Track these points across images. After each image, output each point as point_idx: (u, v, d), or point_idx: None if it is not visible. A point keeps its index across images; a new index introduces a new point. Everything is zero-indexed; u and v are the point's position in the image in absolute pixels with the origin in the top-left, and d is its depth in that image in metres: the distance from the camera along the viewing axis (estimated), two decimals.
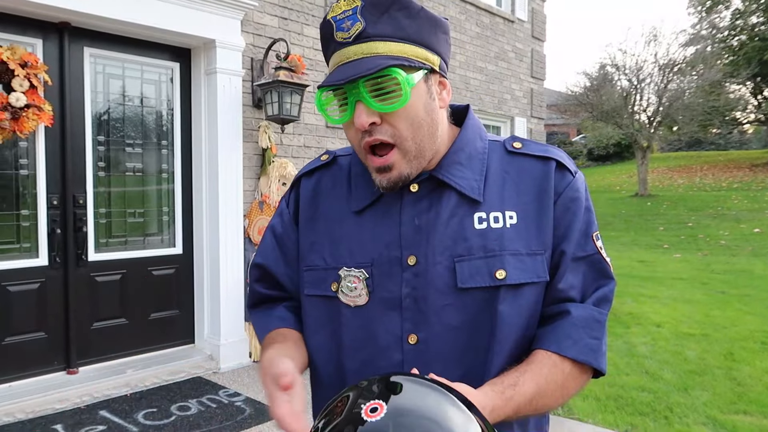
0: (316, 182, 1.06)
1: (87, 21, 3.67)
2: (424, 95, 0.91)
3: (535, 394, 0.87)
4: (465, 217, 0.94)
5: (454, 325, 0.91)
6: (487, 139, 1.01)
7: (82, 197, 3.77)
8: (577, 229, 0.94)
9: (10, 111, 3.35)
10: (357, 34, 0.87)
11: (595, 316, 0.93)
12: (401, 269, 0.93)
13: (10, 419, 3.19)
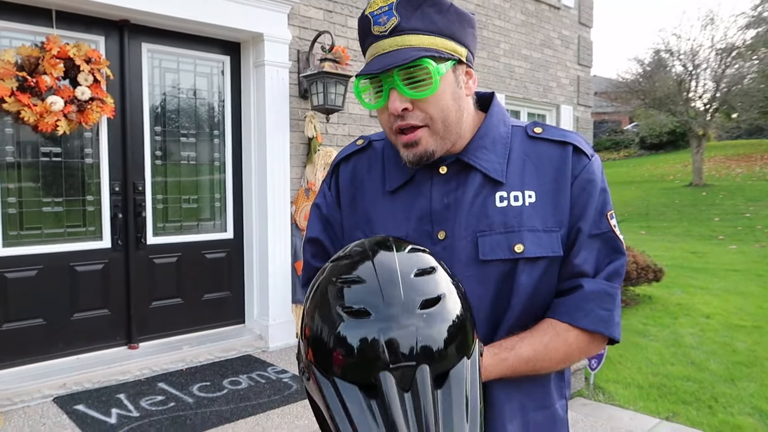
0: (353, 166, 1.17)
1: (145, 18, 3.89)
2: (452, 84, 1.00)
3: (532, 358, 0.98)
4: (488, 197, 1.03)
5: (476, 294, 1.00)
6: (510, 124, 1.10)
7: (141, 184, 4.02)
8: (592, 209, 1.03)
9: (76, 104, 3.61)
10: (392, 28, 0.97)
11: (606, 289, 1.02)
12: (432, 243, 1.03)
13: (79, 388, 3.46)
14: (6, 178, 3.53)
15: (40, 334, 3.62)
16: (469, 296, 1.00)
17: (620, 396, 4.22)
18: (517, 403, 1.04)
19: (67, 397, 3.37)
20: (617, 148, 28.23)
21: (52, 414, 3.17)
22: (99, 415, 3.15)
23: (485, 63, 6.66)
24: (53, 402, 3.31)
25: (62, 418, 3.12)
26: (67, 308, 3.74)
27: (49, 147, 3.69)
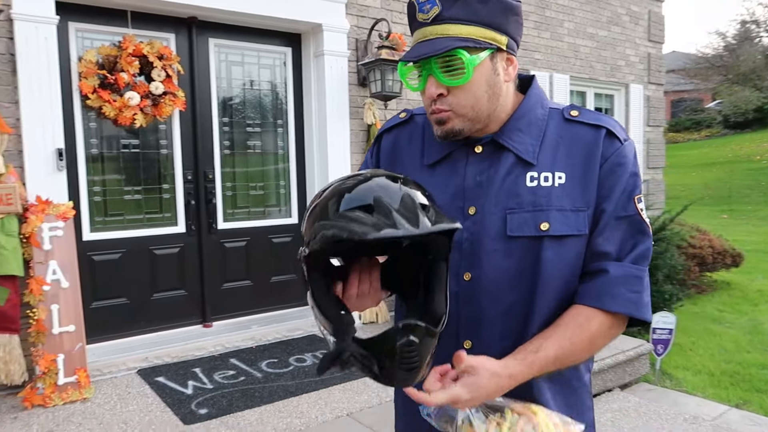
0: (394, 137, 1.24)
1: (212, 15, 4.10)
2: (489, 71, 1.05)
3: (559, 357, 1.02)
4: (519, 176, 1.08)
5: (502, 267, 1.07)
6: (548, 107, 1.13)
7: (211, 173, 4.27)
8: (619, 191, 1.06)
9: (151, 98, 3.87)
10: (434, 17, 1.02)
11: (633, 272, 1.05)
12: (463, 218, 1.09)
13: (159, 362, 3.75)
14: (92, 170, 3.85)
15: (125, 312, 3.94)
16: (494, 268, 1.07)
17: (689, 383, 4.09)
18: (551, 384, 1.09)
19: (149, 369, 3.66)
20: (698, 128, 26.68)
21: (136, 384, 3.46)
22: (177, 387, 3.41)
23: (548, 44, 6.52)
24: (137, 374, 3.61)
25: (145, 388, 3.39)
26: (147, 288, 4.05)
27: (128, 139, 3.98)
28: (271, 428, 2.90)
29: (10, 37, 3.30)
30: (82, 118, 3.76)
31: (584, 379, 1.15)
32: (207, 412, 3.08)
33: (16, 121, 3.33)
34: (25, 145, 3.34)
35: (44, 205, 3.34)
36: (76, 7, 3.65)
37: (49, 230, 3.32)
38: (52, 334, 3.26)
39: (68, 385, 3.24)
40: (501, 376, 0.97)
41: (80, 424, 2.95)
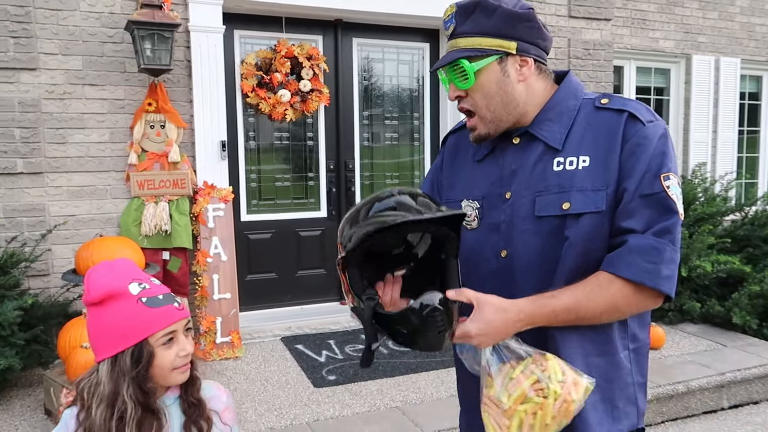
0: (457, 138, 1.42)
1: (355, 16, 4.42)
2: (497, 74, 1.19)
3: (573, 307, 1.10)
4: (547, 162, 1.19)
5: (531, 244, 1.18)
6: (582, 97, 1.23)
7: (351, 163, 4.61)
8: (641, 170, 1.11)
9: (300, 95, 4.30)
10: (452, 33, 1.22)
11: (653, 244, 1.09)
12: (502, 202, 1.23)
13: (300, 332, 4.19)
14: (249, 159, 4.38)
15: (273, 285, 4.44)
16: (526, 245, 1.19)
17: None
18: (577, 345, 1.16)
19: (290, 337, 4.11)
20: None
21: (279, 349, 3.91)
22: (312, 354, 3.79)
23: (715, 24, 5.98)
24: (280, 340, 4.07)
25: (285, 353, 3.83)
26: (293, 266, 4.52)
27: (280, 132, 4.46)
28: (389, 399, 3.13)
29: (187, 45, 3.89)
30: (242, 114, 4.29)
31: (620, 356, 1.19)
32: (335, 378, 3.40)
33: (190, 117, 3.93)
34: (196, 138, 3.93)
35: (210, 189, 3.90)
36: (240, 16, 4.17)
37: (213, 211, 3.88)
38: (212, 299, 3.81)
39: (224, 344, 3.78)
40: (508, 311, 1.09)
41: (231, 378, 3.44)
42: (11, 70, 3.51)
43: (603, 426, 1.17)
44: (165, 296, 1.23)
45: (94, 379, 1.18)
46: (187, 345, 1.23)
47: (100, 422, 1.14)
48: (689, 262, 4.23)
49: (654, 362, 3.63)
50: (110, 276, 1.20)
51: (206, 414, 1.27)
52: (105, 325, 1.18)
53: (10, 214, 3.54)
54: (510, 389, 1.07)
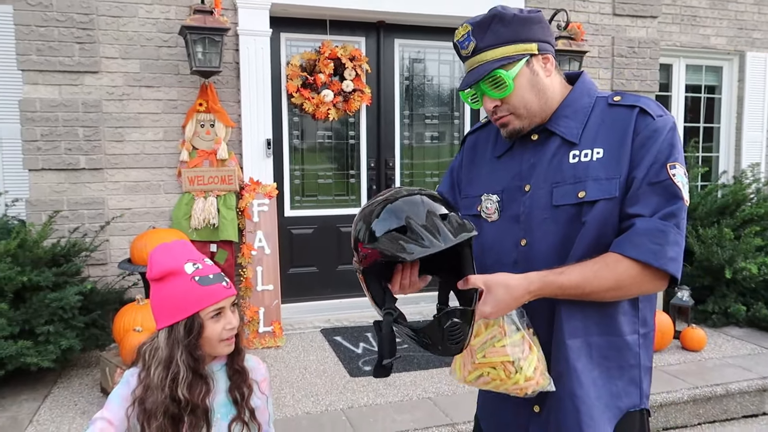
0: (476, 138, 1.51)
1: (398, 18, 4.53)
2: (528, 75, 1.27)
3: (580, 283, 1.17)
4: (563, 155, 1.28)
5: (550, 232, 1.26)
6: (595, 96, 1.31)
7: (392, 161, 4.72)
8: (650, 160, 1.19)
9: (342, 95, 4.44)
10: (473, 50, 1.28)
11: (659, 227, 1.17)
12: (521, 195, 1.31)
13: (339, 324, 4.33)
14: (293, 157, 4.55)
15: (314, 279, 4.60)
16: (544, 233, 1.27)
17: None
18: (579, 323, 1.23)
19: (329, 329, 4.26)
20: None
21: (318, 340, 4.06)
22: (350, 346, 3.92)
23: None
24: (320, 332, 4.22)
25: (324, 344, 3.97)
26: (334, 260, 4.66)
27: (323, 131, 4.61)
28: (422, 390, 3.22)
29: (236, 48, 4.09)
30: (287, 114, 4.47)
31: (627, 338, 1.26)
32: (370, 369, 3.52)
33: (238, 116, 4.12)
34: (243, 136, 4.12)
35: (255, 185, 4.09)
36: (286, 20, 4.34)
37: (258, 206, 4.06)
38: (256, 290, 4.00)
39: (266, 333, 3.95)
40: (517, 288, 1.17)
41: (271, 365, 3.61)
42: (76, 73, 3.79)
43: (601, 400, 1.24)
44: (215, 276, 1.39)
45: (155, 344, 1.36)
46: (233, 319, 1.40)
47: (157, 381, 1.31)
48: (735, 263, 4.13)
49: (693, 364, 3.58)
50: (169, 256, 1.37)
51: (248, 381, 1.44)
52: (164, 299, 1.36)
53: (73, 207, 3.82)
54: (487, 352, 1.19)
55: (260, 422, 1.46)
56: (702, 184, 5.67)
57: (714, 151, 6.07)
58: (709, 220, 4.67)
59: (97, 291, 3.59)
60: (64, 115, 3.77)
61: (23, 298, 3.18)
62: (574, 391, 1.22)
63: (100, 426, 1.32)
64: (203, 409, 1.34)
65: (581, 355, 1.23)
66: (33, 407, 3.03)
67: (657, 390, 3.19)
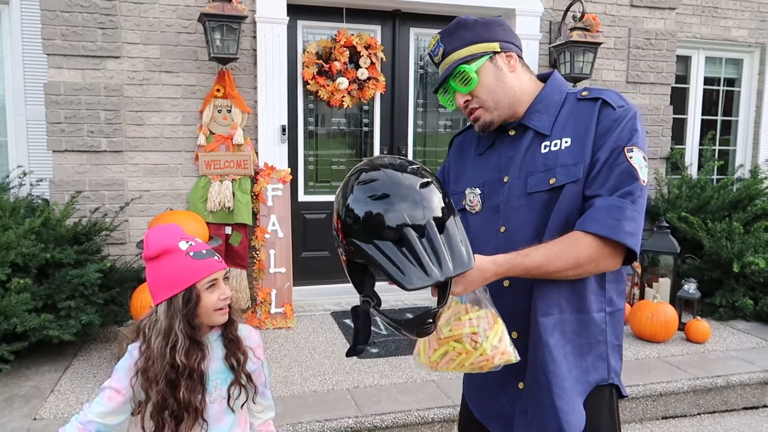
0: (462, 138, 1.64)
1: (414, 6, 4.57)
2: (492, 70, 1.40)
3: (543, 263, 1.26)
4: (536, 147, 1.39)
5: (525, 218, 1.37)
6: (566, 92, 1.43)
7: (405, 149, 4.79)
8: (611, 146, 1.30)
9: (357, 83, 4.50)
10: (442, 55, 1.43)
11: (615, 204, 1.27)
12: (500, 185, 1.42)
13: (349, 307, 4.43)
14: (308, 143, 4.64)
15: (326, 263, 4.70)
16: (521, 220, 1.36)
17: None
18: (554, 302, 1.33)
19: (339, 312, 4.36)
20: None
21: (328, 323, 4.17)
22: None
23: None
24: (330, 314, 4.33)
25: (333, 326, 4.08)
26: None
27: (337, 118, 4.69)
28: (426, 373, 3.31)
29: (253, 35, 4.17)
30: (302, 100, 4.55)
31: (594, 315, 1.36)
32: (377, 351, 3.62)
33: (254, 103, 4.21)
34: (259, 122, 4.21)
35: (270, 170, 4.19)
36: (303, 7, 4.41)
37: (272, 190, 4.16)
38: (269, 272, 4.11)
39: (277, 314, 4.07)
40: (487, 271, 1.24)
41: (282, 345, 3.73)
42: (99, 58, 3.91)
43: (572, 373, 1.35)
44: (207, 251, 1.52)
45: (153, 318, 1.48)
46: (226, 290, 1.53)
47: (157, 350, 1.44)
48: (743, 257, 4.14)
49: (696, 355, 3.62)
50: (164, 236, 1.50)
51: (242, 348, 1.57)
52: (162, 275, 1.48)
53: (94, 188, 3.96)
54: (453, 326, 1.26)
55: (257, 384, 1.59)
56: (718, 177, 5.65)
57: (731, 144, 6.02)
58: (721, 214, 4.66)
59: (116, 269, 3.73)
60: (86, 98, 3.89)
61: (46, 274, 3.33)
62: (547, 365, 1.32)
63: (108, 394, 1.47)
64: (199, 374, 1.47)
65: (554, 331, 1.33)
66: (54, 378, 3.19)
67: (658, 379, 3.25)
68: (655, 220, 4.70)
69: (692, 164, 5.69)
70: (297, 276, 4.44)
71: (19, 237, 3.17)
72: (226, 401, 1.54)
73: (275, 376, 3.24)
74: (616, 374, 1.40)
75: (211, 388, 1.51)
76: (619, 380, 1.42)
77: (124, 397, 1.49)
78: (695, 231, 4.47)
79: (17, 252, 3.13)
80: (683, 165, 5.39)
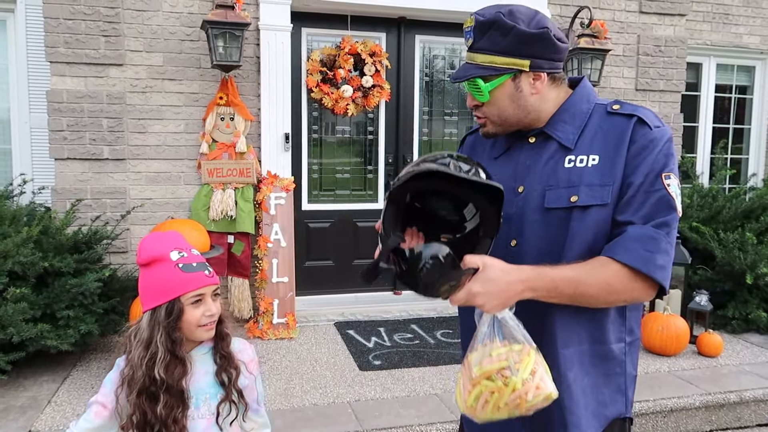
0: (475, 138, 1.51)
1: (419, 14, 4.52)
2: (510, 90, 1.27)
3: (573, 279, 1.15)
4: (559, 160, 1.27)
5: (540, 234, 1.26)
6: (594, 102, 1.31)
7: (410, 157, 4.73)
8: (646, 168, 1.19)
9: (361, 90, 4.46)
10: (470, 45, 1.28)
11: (650, 234, 1.17)
12: (515, 195, 1.30)
13: (352, 318, 4.37)
14: (312, 151, 4.60)
15: (330, 272, 4.64)
16: (535, 236, 1.27)
17: None
18: (573, 332, 1.23)
19: (343, 323, 4.30)
20: None
21: (331, 333, 4.10)
22: (362, 340, 3.96)
23: None
24: (333, 325, 4.27)
25: (337, 337, 4.02)
26: (350, 255, 4.70)
27: (342, 126, 4.64)
28: (429, 386, 3.24)
29: (257, 43, 4.14)
30: (306, 108, 4.51)
31: (613, 347, 1.26)
32: (380, 363, 3.55)
33: (258, 110, 4.18)
34: (262, 130, 4.18)
35: (273, 178, 4.14)
36: (307, 15, 4.38)
37: (275, 199, 4.12)
38: (271, 282, 4.06)
39: (280, 324, 4.02)
40: (511, 274, 1.14)
41: (284, 356, 3.66)
42: (101, 65, 3.89)
43: (588, 409, 1.25)
44: (198, 264, 1.46)
45: (138, 326, 1.44)
46: (212, 307, 1.46)
47: (137, 360, 1.39)
48: (757, 269, 4.03)
49: (708, 370, 3.52)
50: (157, 244, 1.45)
51: (235, 363, 1.51)
52: (150, 283, 1.44)
53: (96, 196, 3.93)
54: (484, 363, 1.15)
55: (248, 401, 1.53)
56: (730, 186, 5.54)
57: (744, 152, 5.92)
58: (733, 224, 4.56)
59: (117, 278, 3.69)
60: (89, 106, 3.87)
61: (45, 283, 3.29)
62: (564, 402, 1.22)
63: (95, 410, 1.42)
64: (179, 390, 1.41)
65: (574, 364, 1.24)
66: (52, 388, 3.15)
67: (669, 395, 3.15)
68: None
69: (704, 173, 5.59)
70: (300, 286, 4.38)
71: (17, 245, 3.14)
72: (215, 418, 1.48)
73: (275, 388, 3.18)
74: (631, 405, 1.31)
75: (200, 403, 1.46)
76: (632, 410, 1.33)
77: (110, 411, 1.44)
78: (707, 241, 4.36)
79: (15, 260, 3.10)
80: (694, 174, 5.29)
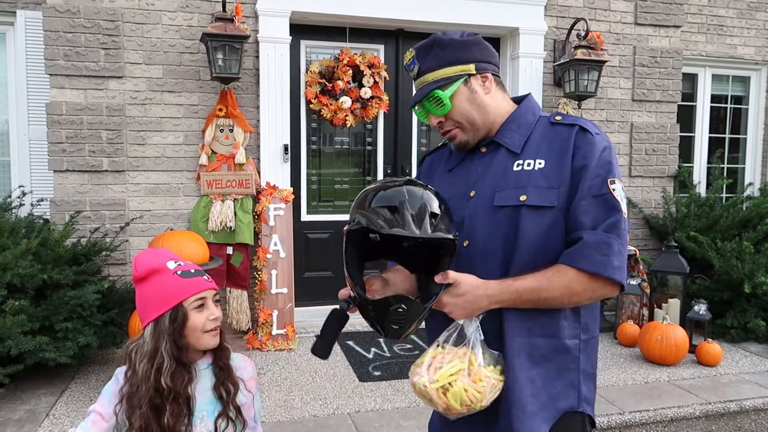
0: (432, 158, 1.62)
1: (417, 26, 4.56)
2: (466, 93, 1.39)
3: (535, 288, 1.26)
4: (508, 164, 1.38)
5: (489, 232, 1.35)
6: (538, 114, 1.44)
7: (408, 167, 4.75)
8: (591, 174, 1.30)
9: (360, 102, 4.48)
10: (417, 72, 1.41)
11: (604, 239, 1.28)
12: (467, 200, 1.40)
13: (352, 329, 4.36)
14: (311, 163, 4.61)
15: (329, 283, 4.64)
16: (484, 234, 1.36)
17: None
18: (522, 324, 1.31)
19: (342, 334, 4.26)
20: None
21: None
22: (361, 351, 3.95)
23: None
24: None
25: (336, 348, 4.00)
26: None
27: (340, 137, 4.66)
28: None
29: (256, 55, 4.17)
30: (305, 120, 4.53)
31: (567, 342, 1.34)
32: (380, 374, 3.54)
33: (257, 122, 4.20)
34: (261, 141, 4.19)
35: (272, 189, 4.15)
36: (306, 27, 4.41)
37: (274, 210, 4.12)
38: (270, 293, 4.05)
39: (279, 336, 4.01)
40: (479, 288, 1.28)
41: (283, 368, 3.65)
42: (101, 78, 3.91)
43: (537, 398, 1.32)
44: (196, 270, 1.49)
45: (141, 341, 1.44)
46: (215, 311, 1.48)
47: (142, 374, 1.39)
48: (755, 278, 4.05)
49: (707, 379, 3.52)
50: (152, 256, 1.47)
51: (233, 378, 1.52)
52: (149, 295, 1.44)
53: (95, 208, 3.94)
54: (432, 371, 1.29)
55: (246, 419, 1.52)
56: (727, 195, 5.57)
57: (740, 162, 5.95)
58: (730, 233, 4.58)
59: (115, 290, 3.69)
60: (88, 118, 3.89)
61: (44, 295, 3.29)
62: (509, 386, 1.30)
63: (92, 419, 1.41)
64: (185, 398, 1.41)
65: (521, 354, 1.31)
66: (50, 401, 3.13)
67: (668, 404, 3.15)
68: (663, 240, 4.62)
69: (700, 182, 5.62)
70: (299, 297, 4.38)
71: (16, 257, 3.13)
72: None
73: (275, 400, 3.17)
74: (587, 403, 1.38)
75: (197, 420, 1.45)
76: (591, 409, 1.39)
77: (107, 423, 1.43)
78: (704, 250, 4.38)
79: (14, 273, 3.09)
80: (691, 183, 5.32)
